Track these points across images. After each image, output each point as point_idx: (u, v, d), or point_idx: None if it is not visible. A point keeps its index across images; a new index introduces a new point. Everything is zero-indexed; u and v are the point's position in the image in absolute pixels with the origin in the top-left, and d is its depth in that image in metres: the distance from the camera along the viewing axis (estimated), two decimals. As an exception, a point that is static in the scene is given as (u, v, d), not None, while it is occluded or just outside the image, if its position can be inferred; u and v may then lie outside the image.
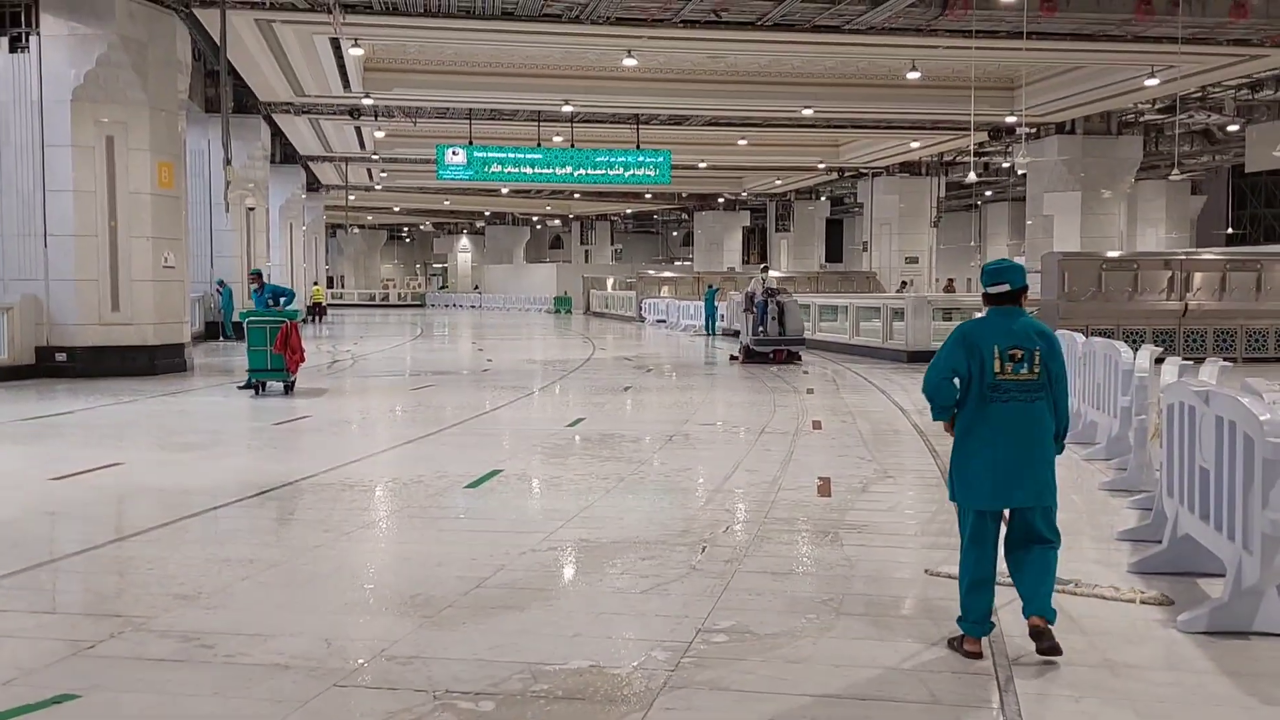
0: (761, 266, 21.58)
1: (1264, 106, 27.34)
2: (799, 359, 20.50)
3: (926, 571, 6.01)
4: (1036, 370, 4.63)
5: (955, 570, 4.94)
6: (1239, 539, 4.93)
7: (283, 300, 15.37)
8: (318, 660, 4.57)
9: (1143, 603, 5.43)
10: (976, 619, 4.68)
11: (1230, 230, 42.68)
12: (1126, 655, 4.67)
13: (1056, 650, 4.53)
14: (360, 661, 4.57)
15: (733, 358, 21.17)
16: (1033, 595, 4.65)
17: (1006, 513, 4.77)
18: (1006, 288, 4.75)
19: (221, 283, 27.16)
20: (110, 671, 4.46)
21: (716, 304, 31.28)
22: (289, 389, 15.12)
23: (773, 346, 20.24)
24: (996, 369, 4.62)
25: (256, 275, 16.20)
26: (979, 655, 4.61)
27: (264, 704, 4.10)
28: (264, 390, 15.09)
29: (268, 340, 14.70)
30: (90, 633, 4.94)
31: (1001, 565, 4.79)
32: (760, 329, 20.30)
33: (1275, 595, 4.87)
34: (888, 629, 5.03)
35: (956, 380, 4.71)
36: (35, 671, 4.45)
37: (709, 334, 30.91)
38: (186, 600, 5.45)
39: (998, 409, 4.62)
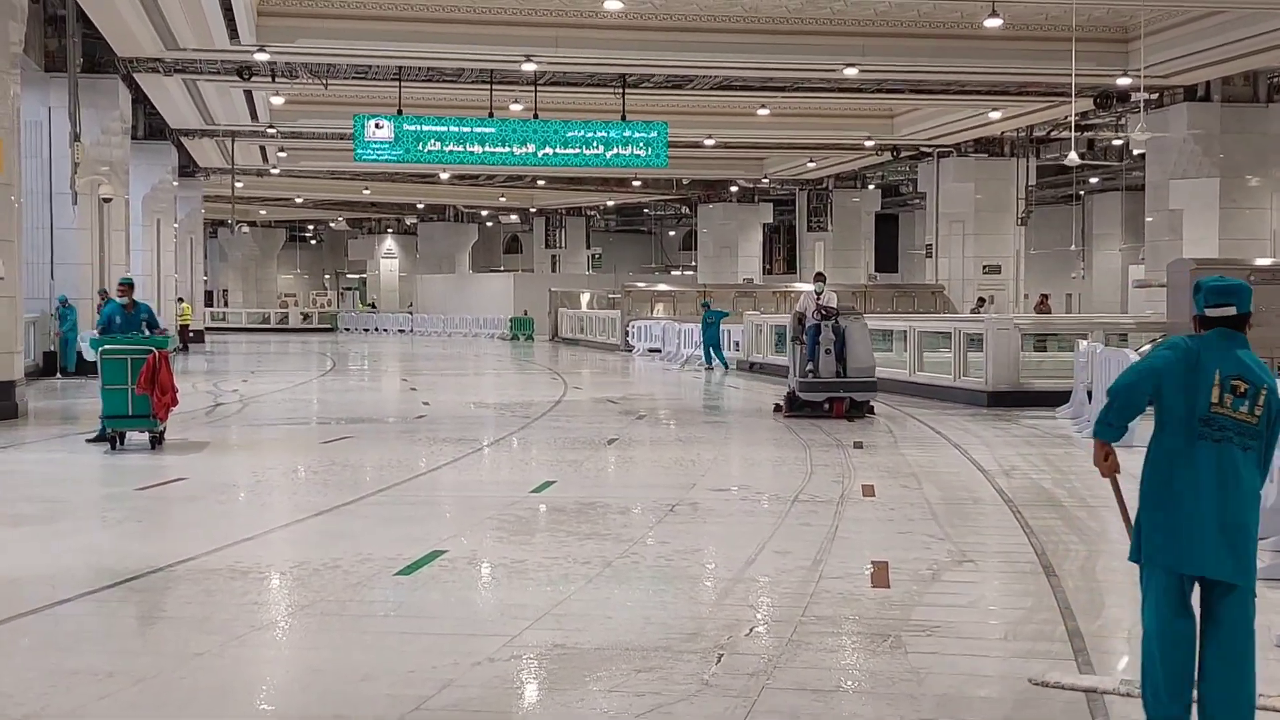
0: (815, 275, 20.60)
1: None
2: (869, 411, 18.68)
3: (1031, 681, 6.05)
4: (1259, 413, 4.88)
5: (1066, 679, 5.27)
6: None
7: (158, 324, 15.54)
8: (203, 809, 4.57)
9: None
10: (1159, 712, 4.91)
11: None
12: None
13: None
14: (260, 810, 4.57)
15: (777, 407, 19.44)
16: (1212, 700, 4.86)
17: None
18: (1233, 310, 5.08)
19: (64, 300, 27.06)
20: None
21: (723, 328, 31.48)
22: (156, 441, 15.08)
23: (827, 394, 18.43)
24: (1214, 399, 4.87)
25: (128, 286, 16.19)
26: None
27: None
28: (122, 443, 15.05)
29: (129, 377, 14.60)
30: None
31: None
32: (809, 367, 18.65)
33: None
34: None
35: (1149, 401, 5.07)
36: None
37: (709, 366, 31.05)
38: (23, 728, 5.45)
39: (1206, 448, 4.87)
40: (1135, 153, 32.70)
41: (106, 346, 15.05)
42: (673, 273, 68.95)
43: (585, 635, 6.94)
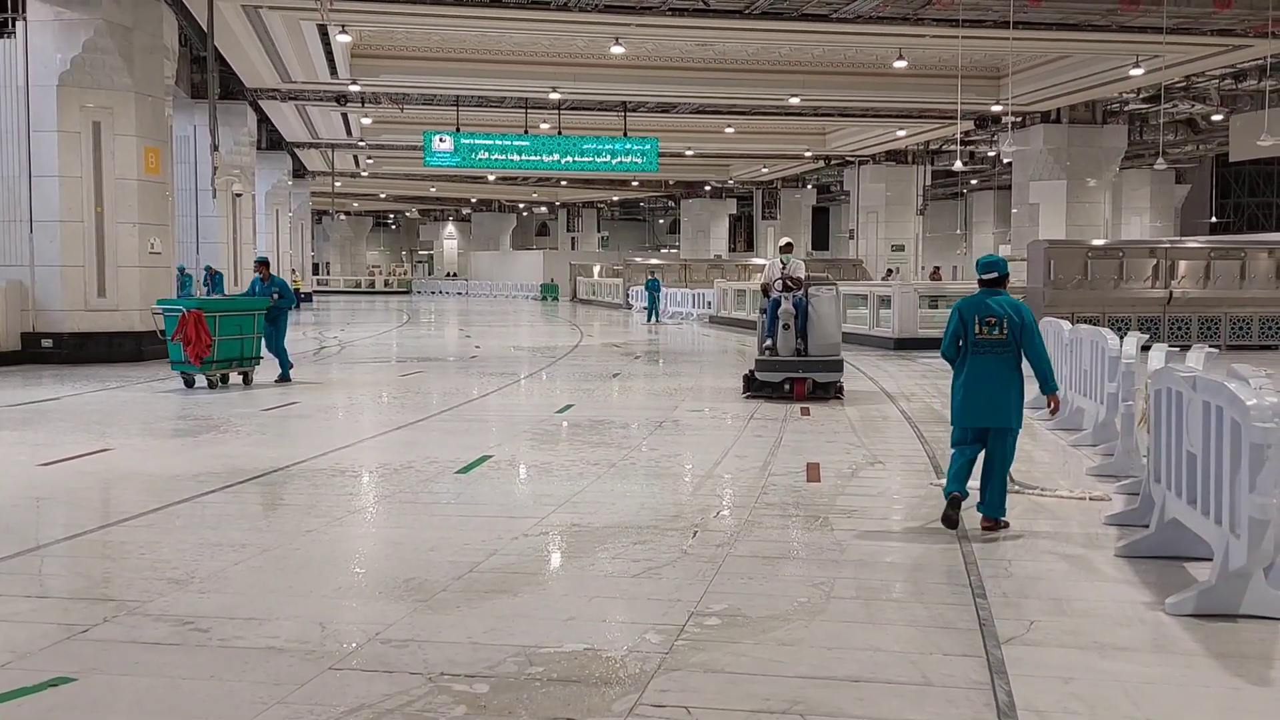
0: (780, 243, 13.98)
1: (1247, 96, 27.45)
2: (837, 394, 13.03)
3: (930, 484, 7.78)
4: (1002, 334, 6.47)
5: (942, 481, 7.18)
6: (1226, 523, 4.98)
7: (288, 294, 15.20)
8: (313, 644, 4.57)
9: (1092, 500, 7.40)
10: (955, 487, 6.51)
11: (1214, 219, 42.91)
12: (1115, 637, 4.71)
13: (954, 523, 6.51)
14: (354, 645, 4.58)
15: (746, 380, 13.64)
16: (985, 500, 6.64)
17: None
18: (995, 275, 6.66)
19: (209, 269, 26.86)
20: (105, 655, 4.45)
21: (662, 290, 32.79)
22: (246, 379, 14.45)
23: (785, 374, 12.96)
24: (976, 331, 6.52)
25: (262, 264, 15.61)
26: (954, 522, 6.48)
27: (261, 687, 4.11)
28: (223, 383, 14.27)
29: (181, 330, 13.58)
30: (84, 617, 4.93)
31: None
32: (767, 342, 13.19)
33: (1262, 578, 4.93)
34: (879, 612, 5.06)
35: (960, 342, 6.61)
36: (30, 655, 4.44)
37: (650, 321, 31.82)
38: (179, 585, 5.45)
39: (975, 359, 6.54)
40: (1005, 161, 32.48)
41: (165, 306, 14.14)
42: (662, 251, 68.54)
43: (595, 517, 6.95)
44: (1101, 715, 3.87)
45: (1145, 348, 8.99)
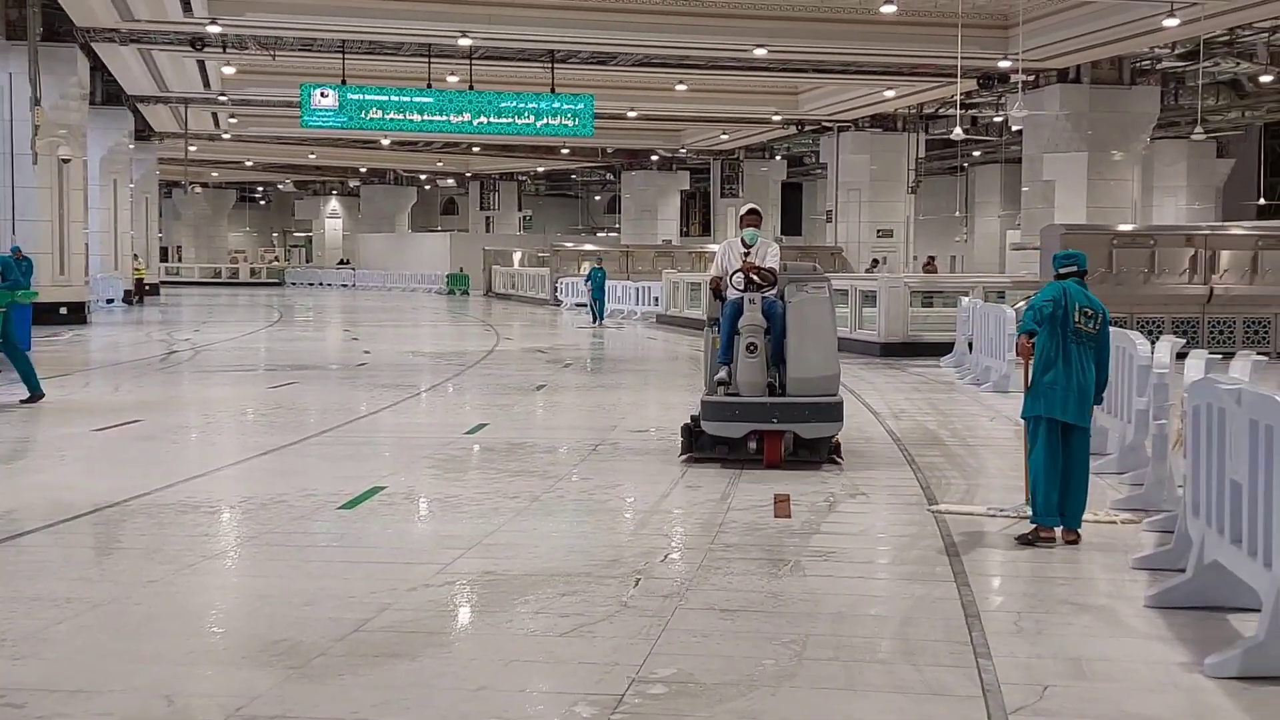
0: (742, 211, 10.88)
1: (1303, 53, 28.13)
2: (833, 455, 10.05)
3: (928, 510, 8.33)
4: (1097, 329, 7.45)
5: (954, 508, 8.44)
6: (1277, 566, 5.08)
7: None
8: (156, 722, 4.50)
9: (1123, 523, 7.98)
10: (1047, 511, 7.33)
11: (1262, 200, 43.80)
12: (1145, 706, 4.79)
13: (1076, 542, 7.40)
14: (210, 723, 4.52)
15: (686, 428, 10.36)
16: (1069, 513, 7.47)
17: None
18: (1077, 268, 7.64)
19: (16, 250, 26.11)
20: (-111, 739, 4.34)
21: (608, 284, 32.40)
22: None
23: (750, 423, 9.79)
24: (1076, 320, 7.38)
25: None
26: (1052, 540, 7.34)
27: (88, 777, 4.03)
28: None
29: None
30: None
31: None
32: (721, 373, 10.08)
33: (1318, 632, 5.03)
34: (860, 676, 5.09)
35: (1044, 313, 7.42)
36: None
37: (596, 322, 30.97)
38: (-14, 649, 5.34)
39: (1072, 349, 7.38)
40: (1014, 129, 32.96)
41: None
42: (598, 234, 68.65)
43: (513, 563, 6.92)
44: (1129, 800, 3.93)
45: (1181, 355, 9.16)
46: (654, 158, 54.10)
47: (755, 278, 10.11)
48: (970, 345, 17.76)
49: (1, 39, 24.68)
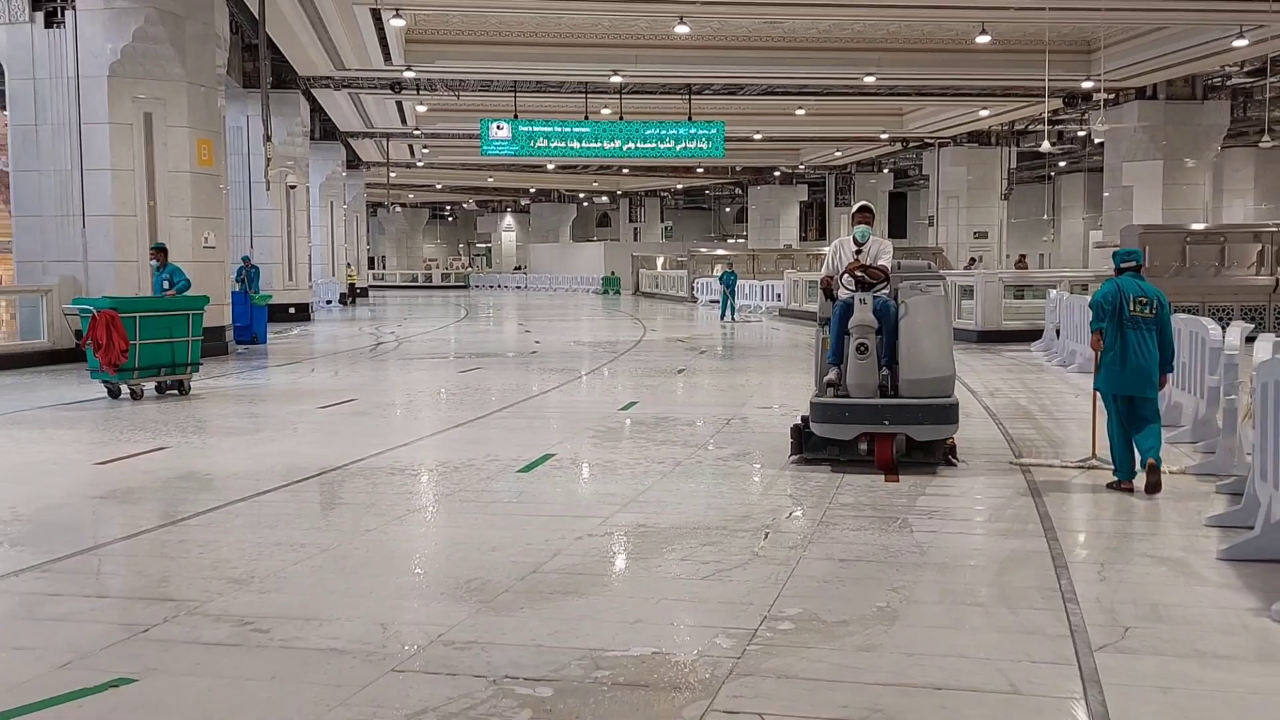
0: (854, 209, 9.43)
1: (1363, 67, 26.64)
2: (948, 456, 8.66)
3: (1011, 463, 8.66)
4: (1153, 313, 7.69)
5: (1035, 461, 8.83)
6: (1338, 524, 4.87)
7: (178, 286, 14.13)
8: (374, 645, 4.67)
9: (1174, 473, 8.08)
10: (1123, 468, 7.68)
11: (1325, 200, 41.67)
12: (1217, 645, 4.63)
13: (1158, 487, 7.45)
14: (416, 647, 4.66)
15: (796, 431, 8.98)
16: (1146, 449, 7.62)
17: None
18: (1135, 263, 7.98)
19: (246, 259, 26.86)
20: (166, 655, 4.59)
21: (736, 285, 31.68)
22: (168, 388, 13.37)
23: (862, 426, 8.44)
24: (1130, 309, 7.68)
25: (160, 250, 14.62)
26: (1130, 490, 7.58)
27: (322, 689, 4.21)
28: (135, 395, 13.09)
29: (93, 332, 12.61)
30: (144, 616, 5.08)
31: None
32: (830, 374, 8.84)
33: (1378, 583, 4.81)
34: (963, 617, 5.03)
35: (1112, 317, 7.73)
36: (91, 655, 4.59)
37: (725, 318, 30.26)
38: (239, 584, 5.59)
39: (1129, 334, 7.69)
40: (1096, 141, 31.89)
41: (80, 306, 13.32)
42: (728, 241, 68.34)
43: (661, 517, 6.98)
44: (1202, 727, 3.81)
45: (1250, 339, 8.80)
46: (776, 174, 53.65)
47: (865, 276, 8.81)
48: (1057, 332, 17.29)
49: (239, 87, 25.63)
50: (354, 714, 3.96)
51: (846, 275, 8.90)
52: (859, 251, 9.00)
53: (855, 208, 9.43)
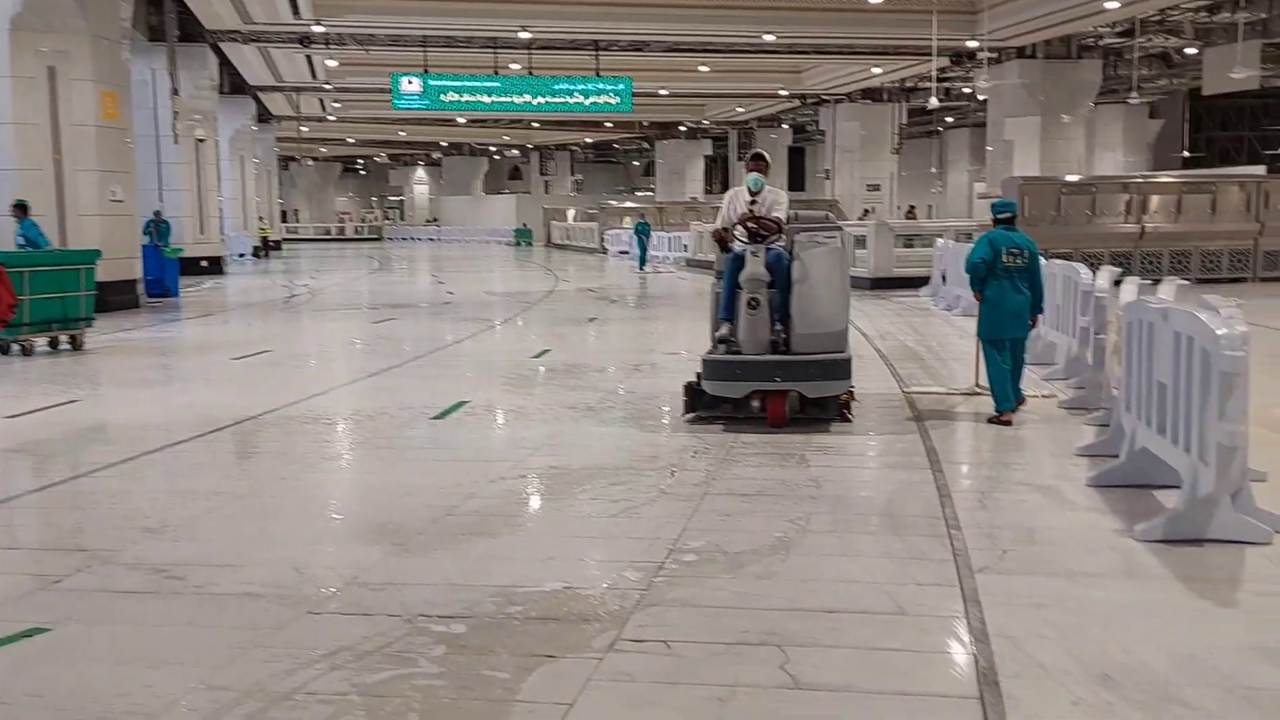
0: (749, 155, 8.99)
1: (1221, 29, 27.33)
2: (842, 412, 8.12)
3: (903, 391, 9.00)
4: (1024, 263, 8.04)
5: (922, 388, 9.42)
6: (1195, 450, 5.06)
7: (32, 242, 13.41)
8: (289, 588, 4.59)
9: (1044, 397, 8.86)
10: (1004, 400, 7.98)
11: (1186, 154, 42.95)
12: (1086, 565, 4.80)
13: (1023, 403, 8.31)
14: (332, 589, 4.60)
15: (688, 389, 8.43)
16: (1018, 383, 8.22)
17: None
18: (1010, 214, 8.32)
19: (156, 214, 25.88)
20: (80, 604, 4.46)
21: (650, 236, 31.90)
22: (3, 349, 12.27)
23: (753, 382, 7.98)
24: (1005, 260, 8.00)
25: (20, 207, 13.89)
26: (1009, 423, 7.89)
27: (238, 631, 4.13)
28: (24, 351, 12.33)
29: None
30: (57, 567, 4.93)
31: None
32: (723, 329, 8.25)
33: (1229, 504, 5.02)
34: (854, 545, 5.13)
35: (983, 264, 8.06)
36: (3, 605, 4.44)
37: (640, 269, 30.33)
38: (153, 533, 5.45)
39: (1001, 281, 8.03)
40: (980, 98, 32.35)
41: None
42: (636, 194, 68.04)
43: (572, 459, 6.98)
44: (1072, 639, 3.95)
45: (1117, 283, 9.05)
46: (682, 129, 53.50)
47: (759, 228, 8.19)
48: (944, 278, 17.60)
49: (145, 41, 24.59)
50: (269, 655, 3.90)
51: (739, 227, 8.29)
52: (753, 202, 8.37)
53: (749, 155, 8.89)
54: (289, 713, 3.45)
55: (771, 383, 7.86)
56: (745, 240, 8.21)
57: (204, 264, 27.74)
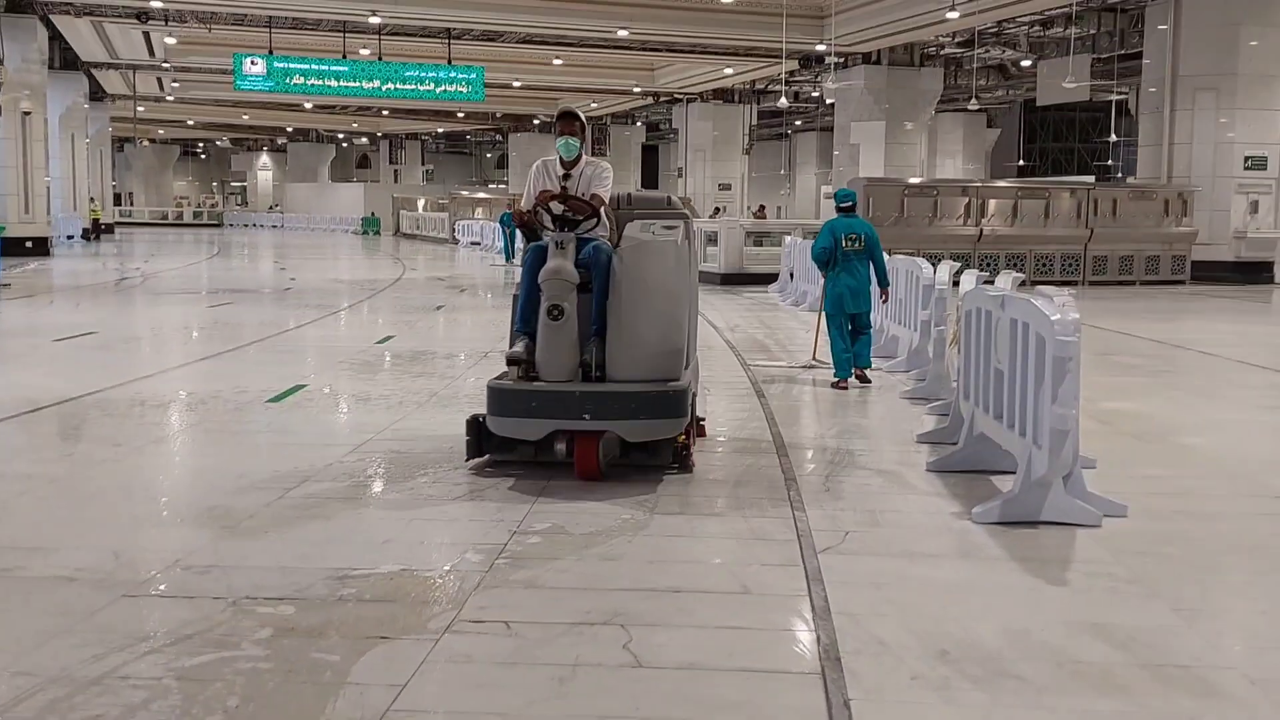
0: (556, 114, 6.49)
1: (1054, 43, 28.73)
2: (679, 459, 5.96)
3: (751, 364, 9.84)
4: (862, 246, 9.10)
5: (770, 365, 10.38)
6: (1030, 435, 5.21)
7: None
8: (105, 572, 4.29)
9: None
10: (843, 369, 9.03)
11: (1021, 162, 45.06)
12: (925, 546, 4.88)
13: (867, 381, 9.19)
14: (152, 573, 4.32)
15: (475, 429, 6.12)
16: (859, 356, 9.21)
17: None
18: (851, 204, 9.26)
19: None
20: None
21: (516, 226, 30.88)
22: None
23: (551, 423, 5.70)
24: (845, 245, 9.06)
25: None
26: (846, 389, 8.98)
27: (46, 617, 3.82)
28: None
29: None
30: None
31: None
32: (520, 344, 5.98)
33: (1061, 487, 5.18)
34: (701, 526, 5.10)
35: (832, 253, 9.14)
36: None
37: (508, 261, 30.01)
38: (-47, 518, 5.03)
39: (845, 265, 9.11)
40: (828, 101, 33.14)
41: None
42: (490, 185, 67.37)
43: (415, 444, 6.77)
44: (910, 616, 4.00)
45: (956, 283, 9.34)
46: (536, 122, 53.14)
47: (568, 210, 6.07)
48: (791, 275, 17.92)
49: (-35, 7, 23.07)
50: (79, 640, 3.61)
51: (540, 209, 6.15)
52: (566, 176, 6.32)
53: (559, 110, 6.58)
54: (97, 698, 3.19)
55: (579, 421, 5.69)
56: (551, 227, 6.08)
57: (29, 244, 26.19)
